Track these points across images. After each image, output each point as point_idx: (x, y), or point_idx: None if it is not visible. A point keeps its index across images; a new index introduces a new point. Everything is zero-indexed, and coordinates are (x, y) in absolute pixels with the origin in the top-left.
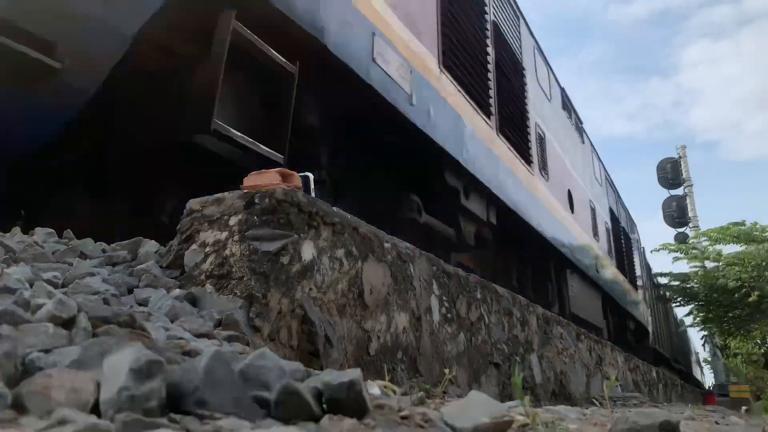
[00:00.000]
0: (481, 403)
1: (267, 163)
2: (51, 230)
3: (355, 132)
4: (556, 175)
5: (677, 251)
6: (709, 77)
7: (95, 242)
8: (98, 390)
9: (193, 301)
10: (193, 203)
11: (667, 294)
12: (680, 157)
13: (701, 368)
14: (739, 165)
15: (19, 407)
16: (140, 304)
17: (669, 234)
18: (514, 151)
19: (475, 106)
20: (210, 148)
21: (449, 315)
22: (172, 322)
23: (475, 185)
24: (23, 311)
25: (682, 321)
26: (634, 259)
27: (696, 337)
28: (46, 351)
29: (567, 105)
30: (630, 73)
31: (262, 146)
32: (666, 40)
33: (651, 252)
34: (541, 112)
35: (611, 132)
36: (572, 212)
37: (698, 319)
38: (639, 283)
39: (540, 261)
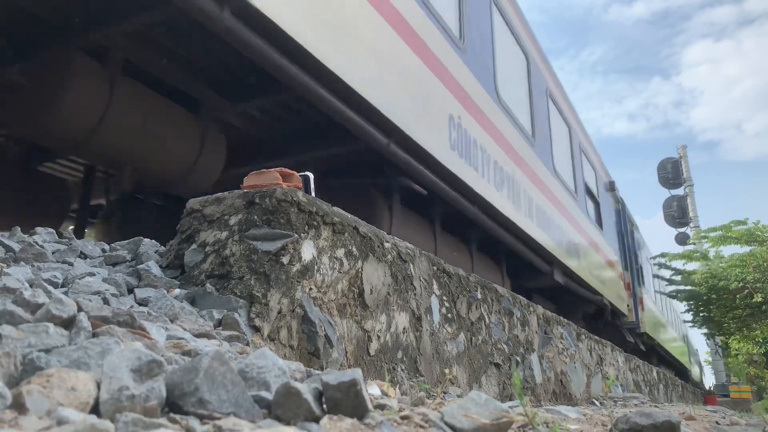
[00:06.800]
0: (481, 403)
1: None
2: (51, 230)
3: None
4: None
5: (680, 258)
6: (710, 77)
7: (95, 242)
8: (98, 390)
9: (193, 301)
10: (194, 203)
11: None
12: (681, 157)
13: (701, 368)
14: (739, 165)
15: (19, 407)
16: (140, 304)
17: (669, 233)
18: None
19: None
20: None
21: (449, 315)
22: (172, 322)
23: None
24: (23, 311)
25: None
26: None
27: (697, 336)
28: (46, 351)
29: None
30: (631, 73)
31: None
32: (667, 40)
33: (653, 258)
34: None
35: (611, 132)
36: None
37: (699, 318)
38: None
39: None
